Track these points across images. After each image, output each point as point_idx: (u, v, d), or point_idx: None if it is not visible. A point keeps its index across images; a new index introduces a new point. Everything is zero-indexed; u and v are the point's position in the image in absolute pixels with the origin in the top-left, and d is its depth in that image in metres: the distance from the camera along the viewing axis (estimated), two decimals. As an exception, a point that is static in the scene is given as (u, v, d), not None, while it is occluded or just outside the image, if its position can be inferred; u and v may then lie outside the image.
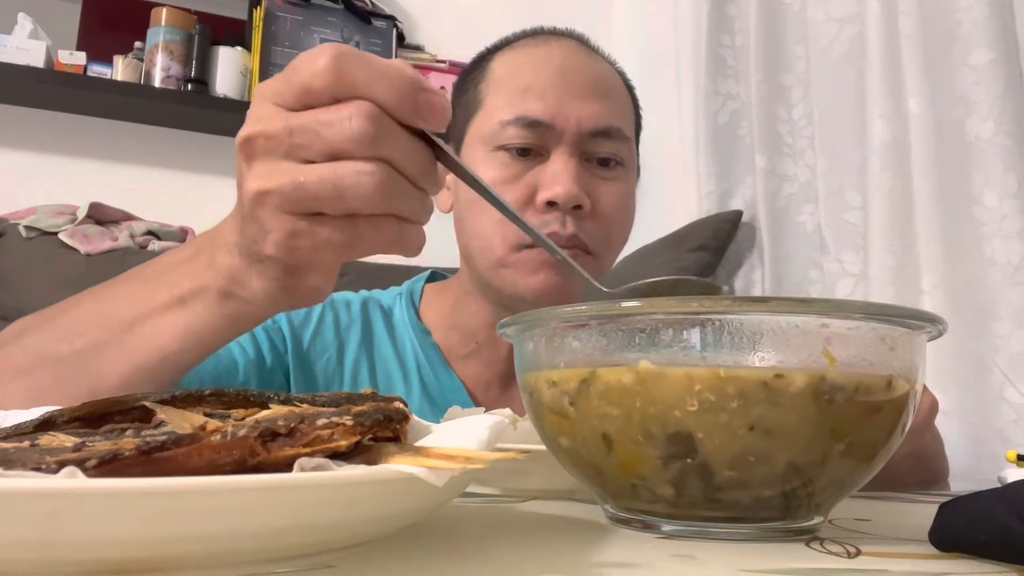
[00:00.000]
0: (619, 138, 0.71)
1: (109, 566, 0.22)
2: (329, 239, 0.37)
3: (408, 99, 0.36)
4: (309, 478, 0.23)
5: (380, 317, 0.78)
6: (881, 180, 1.19)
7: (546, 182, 0.67)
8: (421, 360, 0.76)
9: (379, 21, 1.81)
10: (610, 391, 0.32)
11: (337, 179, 0.36)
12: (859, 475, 0.34)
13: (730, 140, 1.56)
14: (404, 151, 0.37)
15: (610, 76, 0.74)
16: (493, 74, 0.73)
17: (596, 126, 0.69)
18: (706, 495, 0.32)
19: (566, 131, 0.68)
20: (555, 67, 0.70)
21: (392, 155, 0.36)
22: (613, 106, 0.71)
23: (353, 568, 0.25)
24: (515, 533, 0.34)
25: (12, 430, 0.31)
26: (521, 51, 0.74)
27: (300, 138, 0.36)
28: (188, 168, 1.69)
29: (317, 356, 0.73)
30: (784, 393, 0.30)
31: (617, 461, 0.33)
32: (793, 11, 1.46)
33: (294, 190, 0.36)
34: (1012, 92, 1.09)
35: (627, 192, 0.73)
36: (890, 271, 1.17)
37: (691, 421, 0.31)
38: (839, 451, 0.32)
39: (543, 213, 0.67)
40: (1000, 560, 0.29)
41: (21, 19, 1.56)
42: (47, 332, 0.51)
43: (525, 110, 0.68)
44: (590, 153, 0.70)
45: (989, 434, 1.06)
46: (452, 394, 0.75)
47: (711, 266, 1.50)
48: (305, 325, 0.74)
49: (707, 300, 0.30)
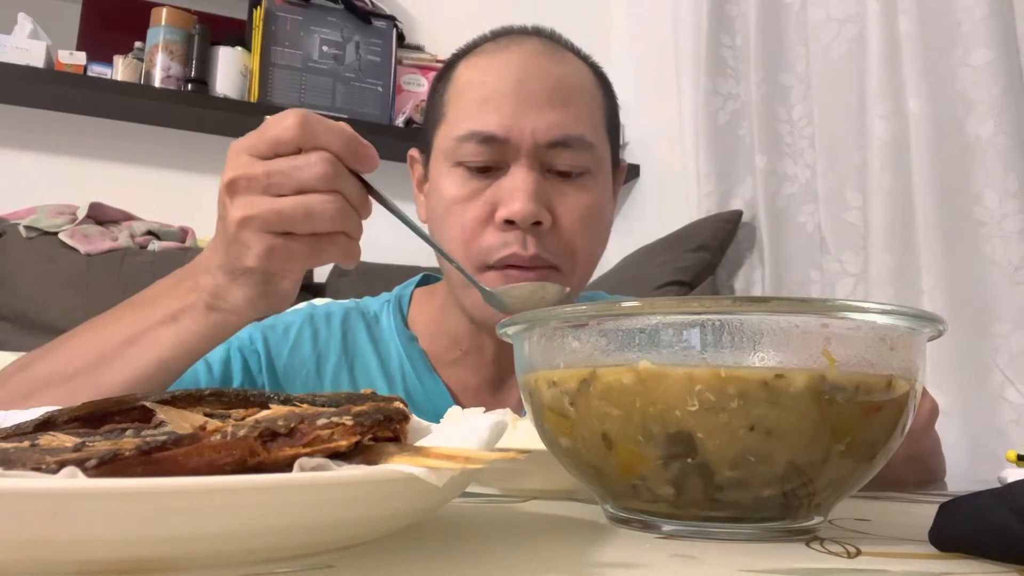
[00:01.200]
0: (580, 147, 0.68)
1: (109, 566, 0.22)
2: (298, 251, 0.50)
3: (352, 150, 0.49)
4: (309, 478, 0.23)
5: (363, 327, 0.77)
6: (881, 180, 1.19)
7: (504, 199, 0.65)
8: (406, 367, 0.75)
9: (379, 21, 1.81)
10: (610, 391, 0.32)
11: (307, 206, 0.48)
12: (859, 475, 0.34)
13: (730, 140, 1.56)
14: (350, 186, 0.49)
15: (574, 78, 0.70)
16: (455, 83, 0.71)
17: (553, 136, 0.66)
18: (706, 495, 0.32)
19: (522, 144, 0.65)
20: (512, 76, 0.67)
21: (343, 189, 0.49)
22: (574, 113, 0.68)
23: (353, 568, 0.25)
24: (515, 533, 0.34)
25: (12, 430, 0.31)
26: (483, 57, 0.71)
27: (276, 178, 0.48)
28: (188, 168, 1.69)
29: (295, 371, 0.73)
30: (784, 393, 0.30)
31: (617, 461, 0.33)
32: (793, 11, 1.46)
33: (273, 215, 0.48)
34: (1012, 92, 1.09)
35: (593, 202, 0.69)
36: (890, 271, 1.17)
37: (691, 421, 0.31)
38: (839, 451, 0.32)
39: (503, 231, 0.65)
40: (1000, 560, 0.29)
41: (21, 19, 1.56)
42: (51, 359, 0.57)
43: (479, 125, 0.66)
44: (550, 164, 0.67)
45: (989, 434, 1.06)
46: (438, 399, 0.74)
47: (711, 266, 1.50)
48: (283, 341, 0.74)
49: (707, 300, 0.30)
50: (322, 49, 1.75)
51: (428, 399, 0.74)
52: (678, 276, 1.46)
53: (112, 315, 0.58)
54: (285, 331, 0.75)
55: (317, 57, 1.74)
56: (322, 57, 1.74)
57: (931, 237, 1.13)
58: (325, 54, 1.75)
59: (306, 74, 1.72)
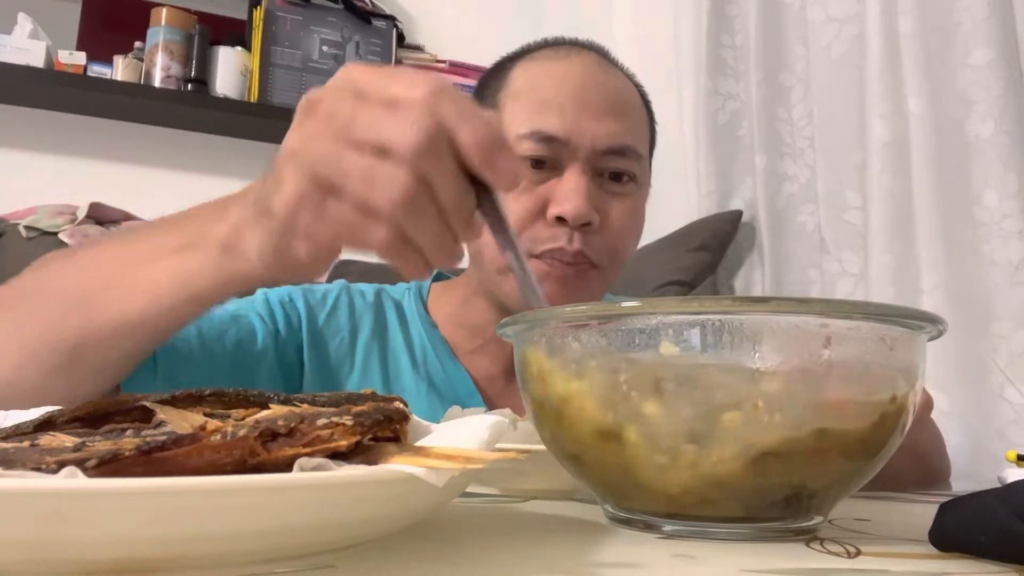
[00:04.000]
0: (632, 156, 0.72)
1: (109, 566, 0.22)
2: (333, 215, 0.38)
3: (484, 149, 0.37)
4: (309, 478, 0.23)
5: (392, 307, 0.80)
6: (881, 180, 1.19)
7: (558, 198, 0.68)
8: (428, 352, 0.77)
9: (379, 21, 1.81)
10: (609, 391, 0.32)
11: (371, 170, 0.37)
12: (859, 475, 0.34)
13: (730, 140, 1.56)
14: (445, 179, 0.38)
15: (628, 93, 0.75)
16: (512, 84, 0.74)
17: (611, 145, 0.70)
18: (706, 495, 0.32)
19: (581, 148, 0.69)
20: (574, 83, 0.70)
21: (432, 176, 0.37)
22: (629, 125, 0.72)
23: (353, 568, 0.25)
24: (515, 533, 0.34)
25: (12, 430, 0.31)
26: (541, 63, 0.74)
27: (360, 120, 0.37)
28: (188, 168, 1.69)
29: (331, 336, 0.75)
30: (784, 393, 0.30)
31: (617, 461, 0.33)
32: (793, 11, 1.46)
33: (327, 158, 0.38)
34: (1012, 92, 1.09)
35: (636, 209, 0.74)
36: (890, 271, 1.17)
37: (692, 421, 0.31)
38: (839, 451, 0.32)
39: (552, 227, 0.68)
40: (1000, 560, 0.29)
41: (21, 19, 1.55)
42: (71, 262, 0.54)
43: (542, 125, 0.69)
44: (602, 169, 0.71)
45: (989, 434, 1.06)
46: (460, 385, 0.76)
47: (711, 266, 1.50)
48: (321, 305, 0.76)
49: (707, 300, 0.30)
50: (322, 49, 1.75)
51: (450, 385, 0.76)
52: (678, 276, 1.46)
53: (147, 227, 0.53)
54: (324, 296, 0.77)
55: (317, 57, 1.74)
56: (322, 57, 1.74)
57: (931, 237, 1.13)
58: (325, 54, 1.75)
59: (306, 74, 1.72)
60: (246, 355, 0.67)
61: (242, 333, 0.68)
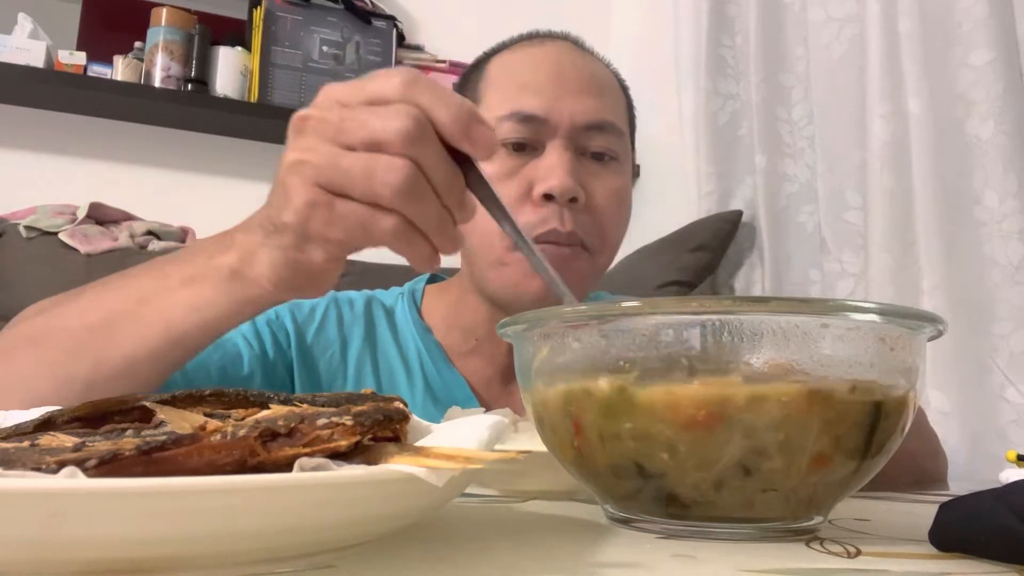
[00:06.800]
0: (613, 132, 0.71)
1: (109, 566, 0.22)
2: (344, 215, 0.41)
3: (461, 123, 0.40)
4: (309, 478, 0.23)
5: (383, 315, 0.79)
6: (881, 180, 1.19)
7: (542, 175, 0.68)
8: (424, 357, 0.77)
9: (379, 21, 1.81)
10: (610, 391, 0.32)
11: (370, 164, 0.39)
12: (859, 475, 0.34)
13: (730, 140, 1.56)
14: (436, 161, 0.40)
15: (604, 75, 0.75)
16: (490, 74, 0.74)
17: (590, 120, 0.69)
18: (706, 495, 0.32)
19: (560, 125, 0.69)
20: (550, 65, 0.71)
21: (424, 160, 0.40)
22: (607, 102, 0.72)
23: (353, 568, 0.25)
24: (515, 533, 0.34)
25: (12, 430, 0.31)
26: (517, 52, 0.75)
27: (349, 124, 0.40)
28: (188, 168, 1.69)
29: (320, 352, 0.74)
30: (784, 393, 0.30)
31: (617, 461, 0.33)
32: (793, 11, 1.46)
33: (328, 163, 0.40)
34: (1012, 92, 1.09)
35: (622, 186, 0.73)
36: (890, 271, 1.17)
37: (692, 421, 0.31)
38: (839, 451, 0.32)
39: (540, 207, 0.67)
40: (1000, 560, 0.29)
41: (21, 19, 1.56)
42: (65, 307, 0.54)
43: (521, 105, 0.69)
44: (584, 147, 0.70)
45: (989, 434, 1.06)
46: (456, 390, 0.75)
47: (711, 266, 1.50)
48: (309, 321, 0.75)
49: (707, 300, 0.30)
50: (322, 49, 1.75)
51: (447, 389, 0.75)
52: (678, 276, 1.46)
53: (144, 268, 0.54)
54: (311, 311, 0.76)
55: (317, 57, 1.74)
56: (322, 57, 1.74)
57: (931, 237, 1.13)
58: (325, 54, 1.75)
59: (306, 74, 1.72)
60: (231, 381, 0.67)
61: (226, 359, 0.68)
